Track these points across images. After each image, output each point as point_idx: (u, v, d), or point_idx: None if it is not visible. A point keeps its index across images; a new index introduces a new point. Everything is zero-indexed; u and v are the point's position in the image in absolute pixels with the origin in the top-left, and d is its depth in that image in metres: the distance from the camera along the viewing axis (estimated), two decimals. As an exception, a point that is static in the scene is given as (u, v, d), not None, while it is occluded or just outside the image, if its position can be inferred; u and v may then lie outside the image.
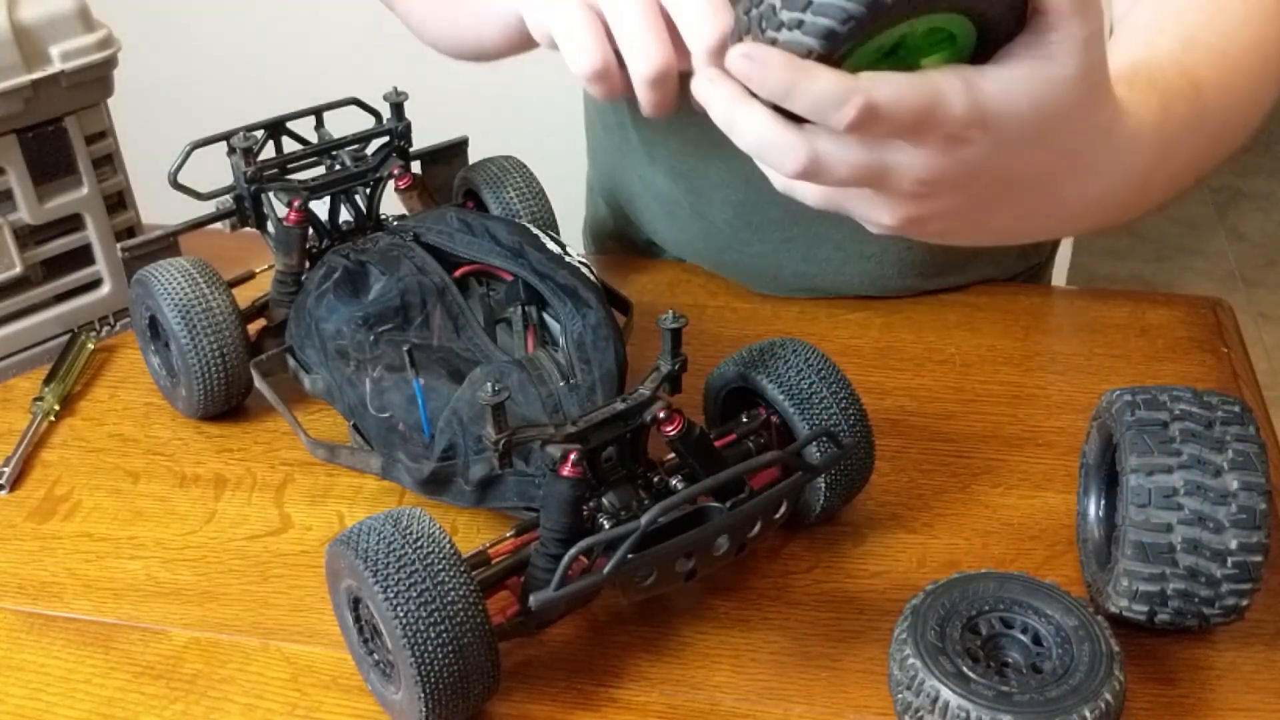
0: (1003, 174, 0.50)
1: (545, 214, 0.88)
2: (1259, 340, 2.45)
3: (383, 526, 0.58)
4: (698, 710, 0.62)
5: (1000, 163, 0.49)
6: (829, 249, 0.91)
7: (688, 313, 0.71)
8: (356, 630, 0.61)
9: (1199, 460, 0.58)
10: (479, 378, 0.68)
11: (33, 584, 0.71)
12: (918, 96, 0.45)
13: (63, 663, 0.66)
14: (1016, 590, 0.60)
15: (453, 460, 0.68)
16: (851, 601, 0.68)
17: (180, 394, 0.81)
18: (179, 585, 0.70)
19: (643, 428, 0.62)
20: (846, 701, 0.62)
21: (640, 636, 0.66)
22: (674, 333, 0.64)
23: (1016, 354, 0.87)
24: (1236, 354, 0.86)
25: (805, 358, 0.68)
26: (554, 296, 0.73)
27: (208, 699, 0.63)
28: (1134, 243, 2.75)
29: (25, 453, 0.80)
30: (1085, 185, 0.55)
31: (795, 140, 0.46)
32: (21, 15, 0.81)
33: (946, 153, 0.47)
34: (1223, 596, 0.59)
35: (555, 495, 0.60)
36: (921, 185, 0.49)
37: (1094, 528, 0.67)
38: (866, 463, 0.69)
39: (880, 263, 0.91)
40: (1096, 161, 0.54)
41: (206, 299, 0.78)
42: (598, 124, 1.03)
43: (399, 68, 0.88)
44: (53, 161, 0.86)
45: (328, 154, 0.84)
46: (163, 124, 1.32)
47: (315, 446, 0.75)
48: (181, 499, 0.77)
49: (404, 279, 0.75)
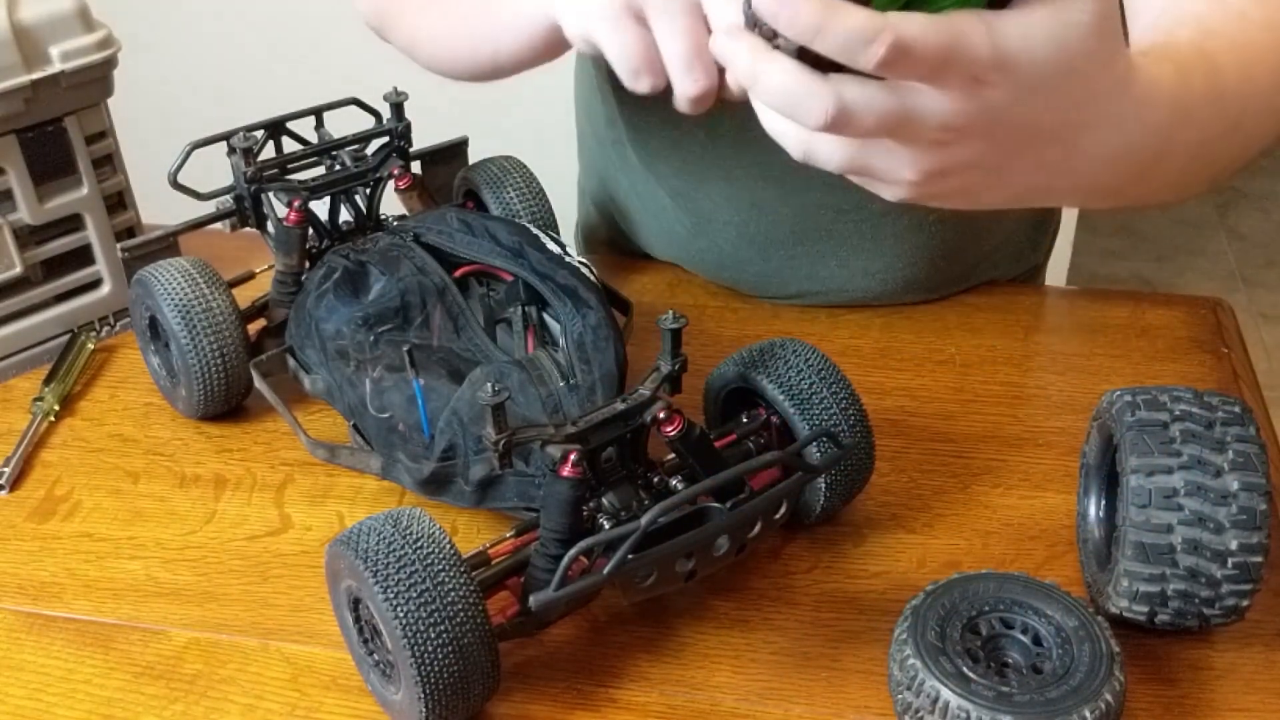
0: (1023, 120, 0.50)
1: (545, 214, 0.88)
2: (1259, 340, 2.45)
3: (383, 526, 0.58)
4: (698, 710, 0.62)
5: (1021, 108, 0.49)
6: (832, 267, 0.90)
7: (688, 313, 0.71)
8: (356, 630, 0.61)
9: (1199, 461, 0.58)
10: (479, 378, 0.68)
11: (33, 584, 0.71)
12: (942, 36, 0.45)
13: (63, 663, 0.66)
14: (1016, 590, 0.60)
15: (453, 460, 0.68)
16: (851, 601, 0.68)
17: (180, 394, 0.81)
18: (179, 585, 0.70)
19: (643, 428, 0.62)
20: (846, 701, 0.62)
21: (640, 636, 0.66)
22: (674, 333, 0.64)
23: (1016, 354, 0.87)
24: (1237, 354, 0.86)
25: (805, 358, 0.68)
26: (554, 297, 0.73)
27: (208, 699, 0.63)
28: (1134, 243, 2.76)
29: (25, 453, 0.80)
30: (1104, 137, 0.54)
31: (822, 88, 0.46)
32: (21, 15, 0.81)
33: (969, 96, 0.48)
34: (1223, 597, 0.59)
35: (555, 495, 0.60)
36: (945, 131, 0.49)
37: (1094, 528, 0.67)
38: (866, 463, 0.69)
39: (884, 280, 0.90)
40: (1114, 112, 0.54)
41: (206, 299, 0.78)
42: (590, 136, 1.02)
43: (399, 68, 0.88)
44: (53, 161, 0.86)
45: (328, 154, 0.84)
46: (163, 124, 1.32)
47: (315, 446, 0.75)
48: (181, 499, 0.77)
49: (404, 279, 0.75)
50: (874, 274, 0.90)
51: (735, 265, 0.93)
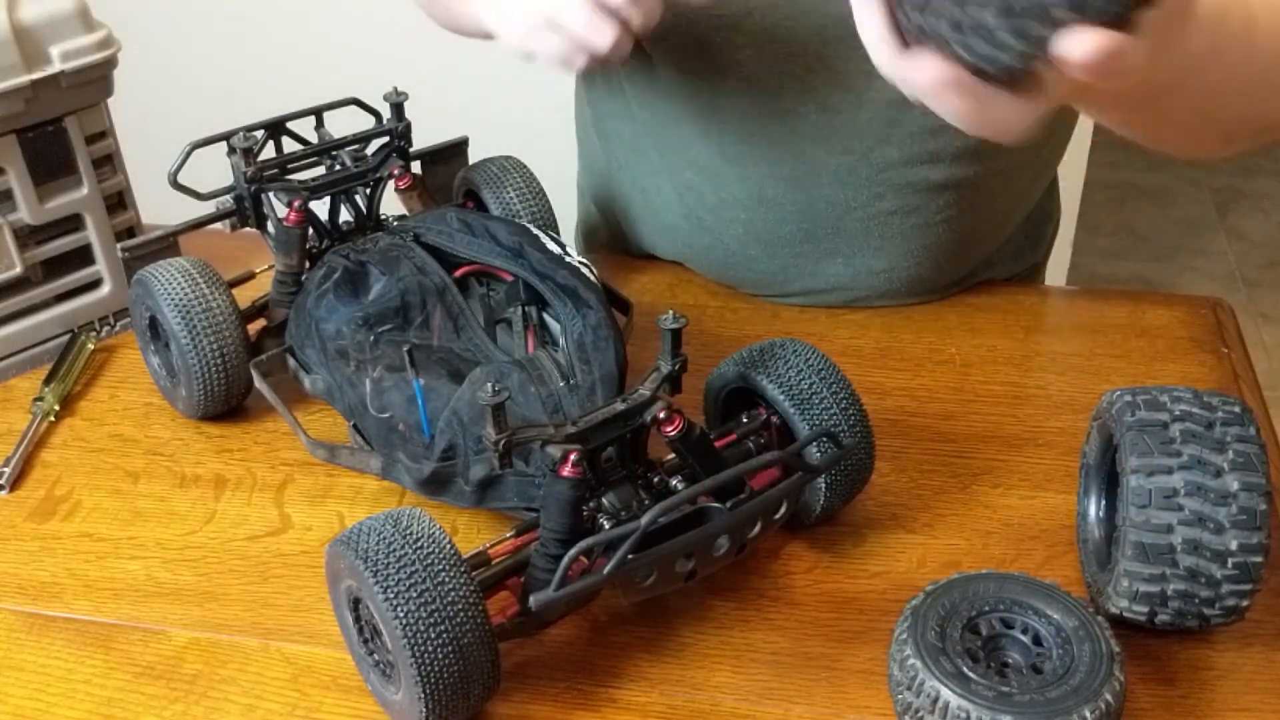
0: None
1: (545, 214, 0.88)
2: (1259, 340, 2.44)
3: (383, 526, 0.58)
4: (698, 710, 0.62)
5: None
6: (838, 265, 0.90)
7: (688, 313, 0.71)
8: (356, 630, 0.61)
9: (1199, 461, 0.58)
10: (479, 378, 0.68)
11: (33, 584, 0.71)
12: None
13: (63, 663, 0.66)
14: (1016, 590, 0.60)
15: (453, 460, 0.67)
16: (851, 601, 0.68)
17: (180, 394, 0.81)
18: (179, 585, 0.70)
19: (643, 428, 0.62)
20: (846, 701, 0.62)
21: (640, 636, 0.66)
22: (674, 333, 0.64)
23: (1016, 354, 0.87)
24: (1236, 354, 0.86)
25: (805, 358, 0.68)
26: (554, 297, 0.73)
27: (208, 699, 0.63)
28: (1134, 243, 2.75)
29: (25, 453, 0.80)
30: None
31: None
32: (21, 15, 0.81)
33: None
34: (1223, 597, 0.59)
35: (555, 495, 0.60)
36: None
37: (1094, 528, 0.67)
38: (866, 463, 0.69)
39: (889, 279, 0.90)
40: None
41: (206, 299, 0.78)
42: (593, 134, 1.02)
43: (399, 68, 0.88)
44: (53, 161, 0.86)
45: (328, 154, 0.84)
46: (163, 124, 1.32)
47: (315, 446, 0.75)
48: (181, 499, 0.77)
49: (404, 279, 0.75)
50: (879, 273, 0.90)
51: (740, 263, 0.93)
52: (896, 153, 0.84)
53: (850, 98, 0.83)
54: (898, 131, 0.83)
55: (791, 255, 0.90)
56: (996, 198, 0.90)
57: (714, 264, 0.95)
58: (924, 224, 0.88)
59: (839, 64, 0.81)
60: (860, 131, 0.84)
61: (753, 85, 0.84)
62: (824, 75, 0.82)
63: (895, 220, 0.88)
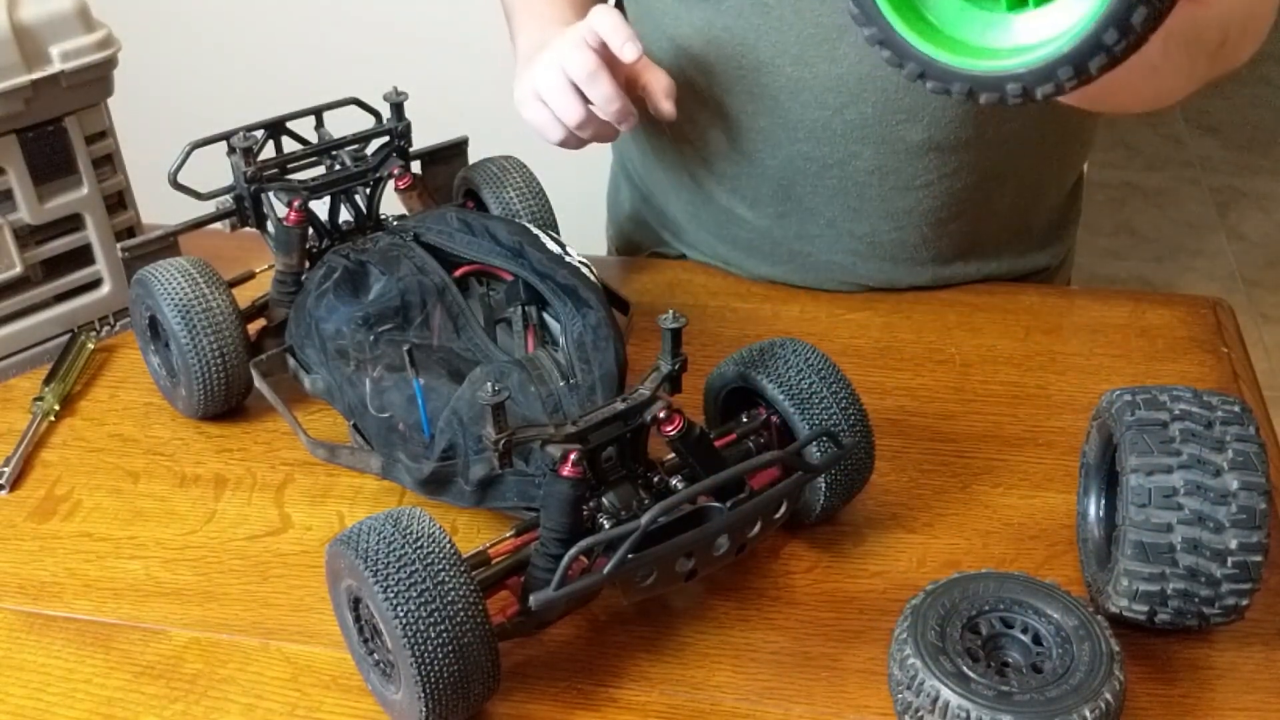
0: None
1: (545, 214, 0.88)
2: (1259, 340, 2.44)
3: (383, 526, 0.58)
4: (698, 710, 0.62)
5: None
6: (820, 225, 0.92)
7: (688, 313, 0.71)
8: (356, 630, 0.61)
9: (1199, 460, 0.58)
10: (479, 378, 0.68)
11: (33, 584, 0.71)
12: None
13: (63, 663, 0.66)
14: (1016, 590, 0.60)
15: (453, 460, 0.67)
16: (851, 601, 0.68)
17: (180, 394, 0.81)
18: (179, 585, 0.70)
19: (643, 428, 0.62)
20: (846, 701, 0.62)
21: (640, 636, 0.66)
22: (674, 333, 0.64)
23: (1016, 354, 0.87)
24: (1236, 354, 0.86)
25: (805, 358, 0.68)
26: (554, 296, 0.73)
27: (208, 699, 0.63)
28: (1134, 243, 2.75)
29: (25, 453, 0.80)
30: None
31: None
32: (21, 15, 0.81)
33: None
34: (1223, 596, 0.59)
35: (555, 495, 0.60)
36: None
37: (1094, 528, 0.67)
38: (866, 463, 0.69)
39: (871, 244, 0.91)
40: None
41: (206, 299, 0.78)
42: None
43: (399, 68, 0.88)
44: (53, 161, 0.86)
45: (328, 154, 0.84)
46: (163, 124, 1.32)
47: (315, 446, 0.75)
48: (181, 499, 0.77)
49: (404, 279, 0.75)
50: (860, 236, 0.91)
51: (730, 221, 0.95)
52: (870, 109, 0.85)
53: (824, 51, 0.83)
54: (870, 88, 0.84)
55: (775, 215, 0.92)
56: (984, 170, 0.89)
57: (710, 222, 0.97)
58: (904, 186, 0.88)
59: (813, 15, 0.83)
60: (833, 86, 0.84)
61: (732, 35, 0.86)
62: (798, 27, 0.83)
63: (873, 181, 0.89)
